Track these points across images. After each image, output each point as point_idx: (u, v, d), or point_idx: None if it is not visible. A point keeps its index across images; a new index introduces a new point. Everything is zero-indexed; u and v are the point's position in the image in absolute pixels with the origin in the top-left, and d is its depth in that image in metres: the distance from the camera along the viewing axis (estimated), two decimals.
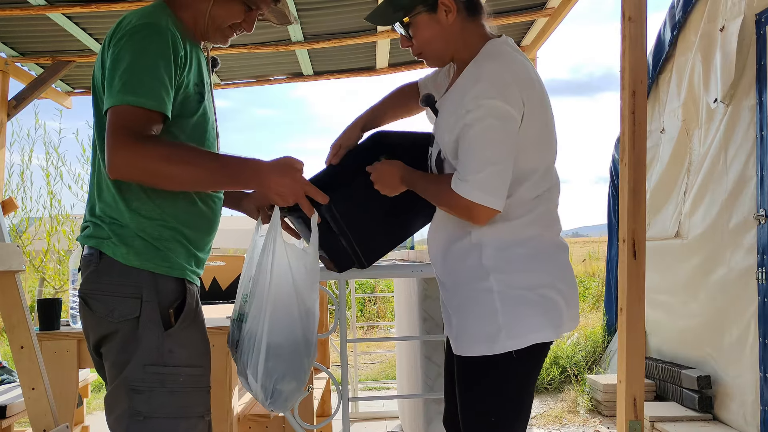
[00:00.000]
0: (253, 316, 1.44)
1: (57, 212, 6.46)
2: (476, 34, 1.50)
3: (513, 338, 1.40)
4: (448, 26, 1.47)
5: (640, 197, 2.54)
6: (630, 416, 2.50)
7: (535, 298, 1.42)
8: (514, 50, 1.47)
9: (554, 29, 4.23)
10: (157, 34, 1.34)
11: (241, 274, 1.58)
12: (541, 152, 1.45)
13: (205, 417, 1.45)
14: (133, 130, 1.28)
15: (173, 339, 1.40)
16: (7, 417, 2.57)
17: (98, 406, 4.77)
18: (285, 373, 1.43)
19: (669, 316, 4.28)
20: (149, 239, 1.40)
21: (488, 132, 1.35)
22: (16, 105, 4.25)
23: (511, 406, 1.46)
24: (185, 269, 1.45)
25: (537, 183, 1.44)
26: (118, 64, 1.32)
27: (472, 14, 1.50)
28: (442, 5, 1.45)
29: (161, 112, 1.33)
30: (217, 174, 1.37)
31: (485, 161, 1.35)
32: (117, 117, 1.30)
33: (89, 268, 1.42)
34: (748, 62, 3.42)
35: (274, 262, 1.43)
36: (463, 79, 1.45)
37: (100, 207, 1.43)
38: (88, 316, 1.42)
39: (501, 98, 1.34)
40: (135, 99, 1.29)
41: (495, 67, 1.39)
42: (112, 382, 1.40)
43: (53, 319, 2.42)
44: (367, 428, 4.05)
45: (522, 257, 1.44)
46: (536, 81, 1.44)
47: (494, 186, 1.35)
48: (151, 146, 1.30)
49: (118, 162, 1.28)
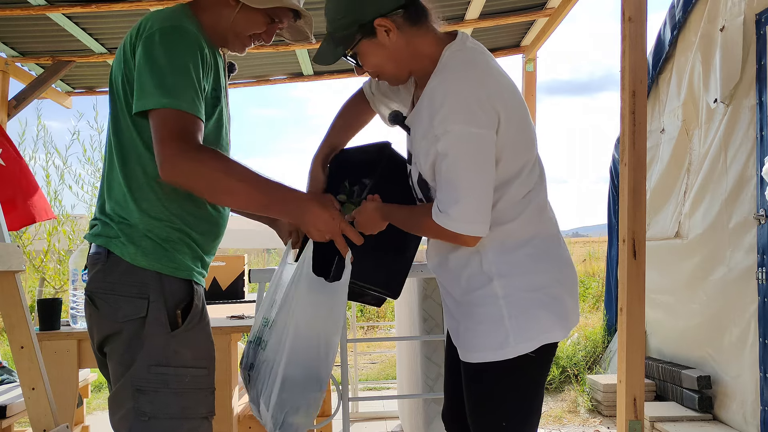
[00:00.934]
0: (273, 345, 1.43)
1: (58, 212, 6.47)
2: (427, 42, 1.43)
3: (523, 342, 1.39)
4: (393, 45, 1.40)
5: (640, 197, 2.54)
6: (630, 416, 2.50)
7: (542, 299, 1.41)
8: (473, 53, 1.41)
9: (554, 29, 4.23)
10: (187, 38, 1.36)
11: (264, 294, 1.58)
12: (524, 150, 1.42)
13: (208, 418, 1.46)
14: (187, 136, 1.31)
15: (179, 340, 1.40)
16: (7, 417, 2.57)
17: (98, 406, 4.77)
18: (298, 406, 1.44)
19: (669, 316, 4.28)
20: (157, 240, 1.40)
21: (461, 160, 1.31)
22: (16, 105, 4.26)
23: (522, 410, 1.45)
24: (192, 270, 1.45)
25: (525, 180, 1.42)
26: (152, 65, 1.33)
27: (416, 23, 1.41)
28: (379, 27, 1.38)
29: (200, 118, 1.35)
30: (267, 197, 1.39)
31: (463, 191, 1.32)
32: (167, 121, 1.31)
33: (96, 266, 1.42)
34: (748, 62, 3.42)
35: (301, 295, 1.43)
36: (428, 96, 1.39)
37: (110, 205, 1.44)
38: (94, 315, 1.43)
39: (468, 121, 1.30)
40: (177, 103, 1.31)
41: (458, 84, 1.33)
42: (117, 382, 1.40)
43: (53, 319, 2.42)
44: (367, 428, 4.05)
45: (524, 259, 1.42)
46: (503, 82, 1.39)
47: (475, 214, 1.33)
48: (211, 157, 1.32)
49: (181, 168, 1.30)
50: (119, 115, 1.42)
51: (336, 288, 1.47)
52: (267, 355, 1.43)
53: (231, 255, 4.14)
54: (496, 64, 1.44)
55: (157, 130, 1.31)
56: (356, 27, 1.38)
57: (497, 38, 4.60)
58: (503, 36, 4.57)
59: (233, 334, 2.41)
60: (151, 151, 1.38)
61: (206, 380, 1.45)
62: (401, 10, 1.38)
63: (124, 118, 1.41)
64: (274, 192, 1.39)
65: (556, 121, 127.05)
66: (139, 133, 1.40)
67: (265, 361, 1.44)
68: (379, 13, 1.37)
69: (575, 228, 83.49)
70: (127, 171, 1.41)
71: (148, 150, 1.39)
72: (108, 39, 4.05)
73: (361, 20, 1.37)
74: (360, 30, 1.39)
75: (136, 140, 1.40)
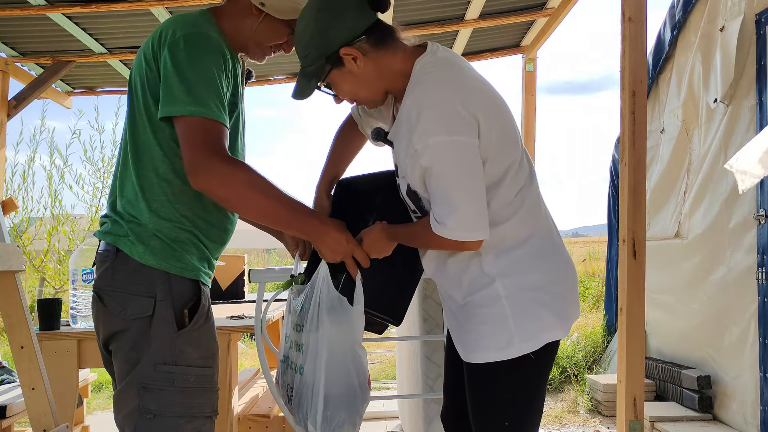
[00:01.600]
0: (309, 369, 1.48)
1: (58, 212, 6.47)
2: (397, 60, 1.43)
3: (527, 341, 1.40)
4: (363, 71, 1.41)
5: (640, 197, 2.54)
6: (630, 416, 2.50)
7: (544, 298, 1.42)
8: (444, 63, 1.41)
9: (554, 29, 4.23)
10: (211, 44, 1.39)
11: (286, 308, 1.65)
12: (509, 150, 1.42)
13: (212, 417, 1.47)
14: (217, 146, 1.34)
15: (185, 339, 1.41)
16: (7, 417, 2.57)
17: (98, 406, 4.77)
18: (344, 419, 1.49)
19: (669, 316, 4.28)
20: (166, 240, 1.42)
21: (448, 170, 1.32)
22: (16, 105, 4.26)
23: (524, 410, 1.46)
24: (199, 271, 1.47)
25: (514, 178, 1.42)
26: (178, 71, 1.35)
27: (383, 45, 1.42)
28: (346, 56, 1.39)
29: (225, 125, 1.38)
30: (291, 215, 1.42)
31: (456, 201, 1.32)
32: (195, 129, 1.34)
33: (105, 264, 1.44)
34: (748, 62, 3.42)
35: (324, 317, 1.48)
36: (405, 111, 1.39)
37: (121, 203, 1.46)
38: (101, 312, 1.44)
39: (447, 132, 1.30)
40: (204, 110, 1.34)
41: (432, 96, 1.33)
42: (122, 380, 1.41)
43: (53, 319, 2.42)
44: (367, 428, 4.05)
45: (523, 258, 1.43)
46: (478, 86, 1.39)
47: (474, 220, 1.34)
48: (240, 169, 1.35)
49: (211, 178, 1.33)
50: (136, 115, 1.44)
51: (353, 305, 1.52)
52: (306, 380, 1.49)
53: (231, 255, 4.13)
54: (471, 68, 1.45)
55: (186, 138, 1.34)
56: (324, 59, 1.40)
57: (497, 38, 4.60)
58: (503, 36, 4.57)
59: (233, 334, 2.41)
60: (165, 153, 1.41)
61: (211, 380, 1.47)
62: (364, 37, 1.40)
63: (141, 119, 1.43)
64: (298, 211, 1.43)
65: (556, 121, 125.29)
66: (155, 135, 1.42)
67: (305, 384, 1.49)
68: (344, 42, 1.39)
69: (575, 228, 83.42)
70: (140, 170, 1.43)
71: (162, 152, 1.42)
72: (108, 39, 4.05)
73: (327, 52, 1.39)
74: (328, 61, 1.40)
75: (151, 142, 1.42)
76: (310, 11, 1.40)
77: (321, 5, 1.39)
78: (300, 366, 1.51)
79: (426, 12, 3.96)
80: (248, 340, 7.25)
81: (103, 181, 6.70)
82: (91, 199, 6.63)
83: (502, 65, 2.17)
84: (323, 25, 1.38)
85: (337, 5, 1.39)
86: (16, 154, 23.82)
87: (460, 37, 4.38)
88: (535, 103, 4.74)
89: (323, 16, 1.38)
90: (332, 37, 1.38)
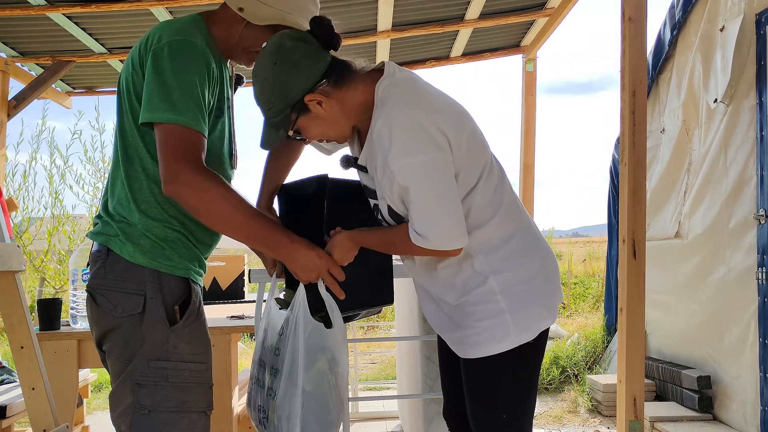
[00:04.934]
0: (282, 397, 1.47)
1: (59, 212, 6.47)
2: (359, 92, 1.44)
3: (523, 332, 1.45)
4: (329, 113, 1.43)
5: (640, 197, 2.54)
6: (630, 416, 2.50)
7: (534, 289, 1.48)
8: (404, 83, 1.42)
9: (554, 29, 4.23)
10: (195, 52, 1.39)
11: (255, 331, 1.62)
12: (480, 154, 1.45)
13: (207, 412, 1.49)
14: (192, 155, 1.35)
15: (177, 335, 1.43)
16: (7, 417, 2.57)
17: (98, 406, 4.77)
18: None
19: (669, 316, 4.28)
20: (155, 239, 1.44)
21: (424, 188, 1.35)
22: (16, 105, 4.26)
23: (520, 401, 1.51)
24: (189, 269, 1.49)
25: (488, 179, 1.46)
26: (160, 78, 1.36)
27: (343, 83, 1.43)
28: (310, 103, 1.41)
29: (202, 134, 1.39)
30: (259, 230, 1.42)
31: (434, 215, 1.36)
32: (171, 137, 1.35)
33: (97, 264, 1.46)
34: (748, 62, 3.42)
35: (301, 344, 1.47)
36: (377, 134, 1.39)
37: (112, 204, 1.48)
38: (94, 311, 1.46)
39: (418, 150, 1.33)
40: (182, 119, 1.35)
41: (398, 118, 1.35)
42: (117, 378, 1.44)
43: (53, 319, 2.42)
44: (367, 428, 4.05)
45: (511, 253, 1.47)
46: (441, 101, 1.42)
47: (452, 231, 1.37)
48: (214, 183, 1.36)
49: (184, 187, 1.34)
50: (124, 118, 1.46)
51: (334, 330, 1.52)
52: (279, 406, 1.48)
53: (231, 255, 4.13)
54: (429, 85, 1.46)
55: (162, 145, 1.36)
56: (289, 109, 1.41)
57: (497, 38, 4.60)
58: (503, 36, 4.58)
59: (233, 334, 2.41)
60: (153, 156, 1.43)
61: (204, 375, 1.49)
62: (324, 80, 1.41)
63: (128, 122, 1.45)
64: (268, 228, 1.43)
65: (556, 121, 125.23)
66: (143, 138, 1.44)
67: (278, 414, 1.48)
68: (306, 90, 1.40)
69: (575, 228, 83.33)
70: (129, 172, 1.45)
71: (149, 154, 1.44)
72: (108, 39, 4.05)
73: (290, 103, 1.40)
74: (293, 110, 1.42)
75: (139, 144, 1.44)
76: (265, 67, 1.40)
77: (275, 59, 1.39)
78: (274, 391, 1.51)
79: (426, 12, 3.96)
80: (248, 340, 7.25)
81: (103, 181, 6.71)
82: (92, 199, 6.63)
83: (502, 65, 2.16)
84: (282, 78, 1.39)
85: (291, 56, 1.39)
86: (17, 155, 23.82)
87: (460, 37, 4.38)
88: (535, 103, 4.74)
89: (279, 69, 1.39)
90: (293, 88, 1.39)
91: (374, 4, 3.67)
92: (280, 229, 1.47)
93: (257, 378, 1.59)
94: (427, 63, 4.80)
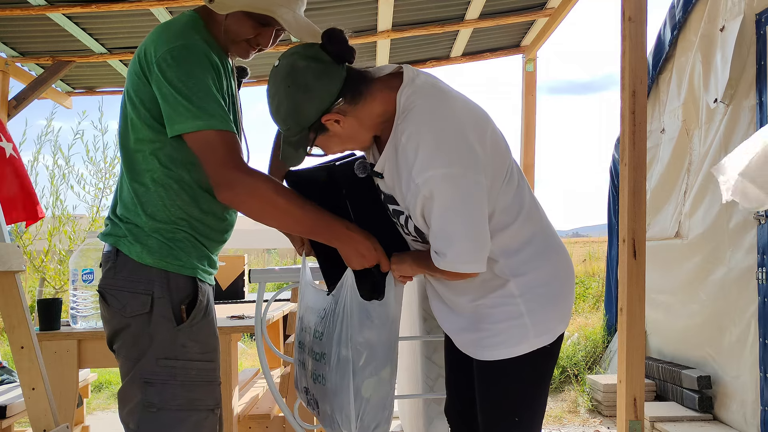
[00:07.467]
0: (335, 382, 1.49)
1: (60, 212, 6.47)
2: (378, 103, 1.40)
3: (541, 335, 1.44)
4: (348, 129, 1.40)
5: (640, 197, 2.53)
6: (630, 416, 2.50)
7: (551, 293, 1.47)
8: (428, 90, 1.38)
9: (554, 29, 4.23)
10: (197, 54, 1.40)
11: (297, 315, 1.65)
12: (504, 159, 1.43)
13: (215, 411, 1.51)
14: (235, 158, 1.38)
15: (185, 334, 1.45)
16: (7, 417, 2.57)
17: (98, 406, 4.77)
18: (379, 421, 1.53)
19: (669, 316, 4.28)
20: (163, 239, 1.46)
21: (447, 203, 1.31)
22: (17, 105, 4.26)
23: (533, 404, 1.51)
24: (197, 268, 1.50)
25: (509, 181, 1.44)
26: (174, 88, 1.36)
27: (360, 98, 1.38)
28: (328, 122, 1.38)
29: (233, 132, 1.40)
30: (315, 223, 1.44)
31: (454, 234, 1.32)
32: (209, 143, 1.37)
33: (107, 264, 1.49)
34: (748, 62, 3.42)
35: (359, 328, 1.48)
36: (401, 148, 1.36)
37: (120, 207, 1.50)
38: (105, 311, 1.49)
39: (447, 163, 1.29)
40: (211, 123, 1.36)
41: (427, 130, 1.32)
42: (126, 376, 1.45)
43: (53, 319, 2.42)
44: None
45: (531, 257, 1.46)
46: (465, 108, 1.39)
47: (471, 254, 1.33)
48: (264, 181, 1.39)
49: (239, 193, 1.37)
50: (129, 126, 1.47)
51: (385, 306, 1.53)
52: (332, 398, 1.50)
53: (231, 255, 4.13)
54: (449, 89, 1.43)
55: (203, 154, 1.37)
56: (306, 130, 1.39)
57: (497, 38, 4.60)
58: (503, 36, 4.58)
59: (233, 334, 2.41)
60: (162, 162, 1.44)
61: (212, 373, 1.51)
62: (341, 99, 1.37)
63: (134, 130, 1.45)
64: (322, 217, 1.44)
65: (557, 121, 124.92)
66: (152, 144, 1.44)
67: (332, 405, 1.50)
68: (322, 111, 1.36)
69: (575, 228, 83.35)
70: (134, 177, 1.47)
71: (158, 161, 1.44)
72: (108, 39, 4.05)
73: (307, 124, 1.38)
74: (311, 130, 1.39)
75: (145, 150, 1.45)
76: (279, 90, 1.37)
77: (289, 81, 1.35)
78: (320, 376, 1.52)
79: (426, 12, 3.96)
80: (248, 340, 7.25)
81: (105, 181, 6.71)
82: (93, 199, 6.64)
83: (502, 65, 2.16)
84: (297, 100, 1.35)
85: (305, 77, 1.35)
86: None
87: (460, 37, 4.38)
88: (535, 103, 4.74)
89: (294, 92, 1.35)
90: (309, 110, 1.36)
91: (374, 4, 3.67)
92: (334, 218, 1.46)
93: (299, 360, 1.62)
94: (427, 63, 4.80)
